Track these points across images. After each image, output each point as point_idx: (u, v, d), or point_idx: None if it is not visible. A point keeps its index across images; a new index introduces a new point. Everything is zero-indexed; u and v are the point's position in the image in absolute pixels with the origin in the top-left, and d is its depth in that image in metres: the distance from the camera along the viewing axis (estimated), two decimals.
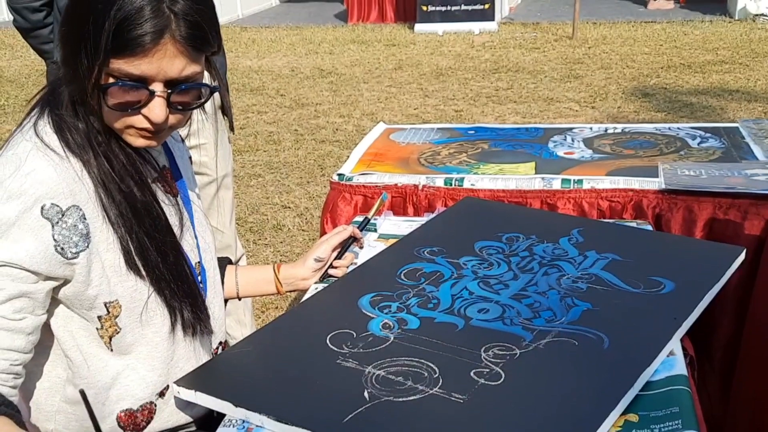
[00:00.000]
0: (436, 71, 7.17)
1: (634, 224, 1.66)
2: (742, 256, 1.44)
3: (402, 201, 1.92)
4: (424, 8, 9.02)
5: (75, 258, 1.11)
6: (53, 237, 1.09)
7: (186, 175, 1.34)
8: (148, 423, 1.23)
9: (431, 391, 1.11)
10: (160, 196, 1.23)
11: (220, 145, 2.18)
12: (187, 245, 1.27)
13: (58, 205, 1.09)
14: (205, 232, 1.34)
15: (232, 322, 2.36)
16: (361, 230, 1.58)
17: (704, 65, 6.83)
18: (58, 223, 1.09)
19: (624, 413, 1.07)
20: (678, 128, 2.26)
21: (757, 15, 8.59)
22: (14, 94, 6.79)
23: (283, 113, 5.92)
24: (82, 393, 0.93)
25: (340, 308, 1.35)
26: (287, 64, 7.77)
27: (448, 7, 8.96)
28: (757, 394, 1.74)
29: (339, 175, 1.99)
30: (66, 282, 1.13)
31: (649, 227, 1.66)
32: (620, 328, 1.23)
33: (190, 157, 1.41)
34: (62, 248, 1.10)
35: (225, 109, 2.12)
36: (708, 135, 2.17)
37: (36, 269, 1.08)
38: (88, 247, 1.12)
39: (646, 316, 1.26)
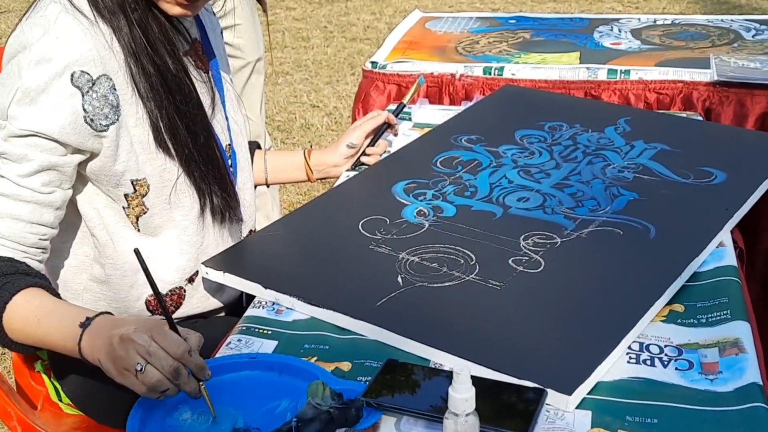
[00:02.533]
0: None
1: (684, 116, 1.57)
2: None
3: (438, 91, 1.84)
4: None
5: (105, 131, 1.06)
6: (83, 107, 1.04)
7: (218, 51, 1.27)
8: (177, 308, 1.22)
9: (467, 278, 1.07)
10: (191, 71, 1.17)
11: (253, 26, 2.08)
12: (218, 126, 1.21)
13: (88, 73, 1.04)
14: (236, 113, 1.28)
15: (260, 217, 2.33)
16: (395, 116, 1.51)
17: None
18: (88, 92, 1.04)
19: (669, 303, 1.03)
20: (731, 20, 2.13)
21: None
22: None
23: (313, 9, 5.74)
24: (137, 252, 0.89)
25: (372, 194, 1.31)
26: None
27: None
28: None
29: (372, 62, 1.91)
30: (93, 156, 1.09)
31: (700, 118, 1.58)
32: (668, 218, 1.17)
33: (222, 32, 1.34)
34: (92, 119, 1.05)
35: None
36: (763, 27, 2.05)
37: (65, 140, 1.04)
38: (118, 120, 1.07)
39: (696, 207, 1.20)
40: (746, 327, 0.96)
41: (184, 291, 1.21)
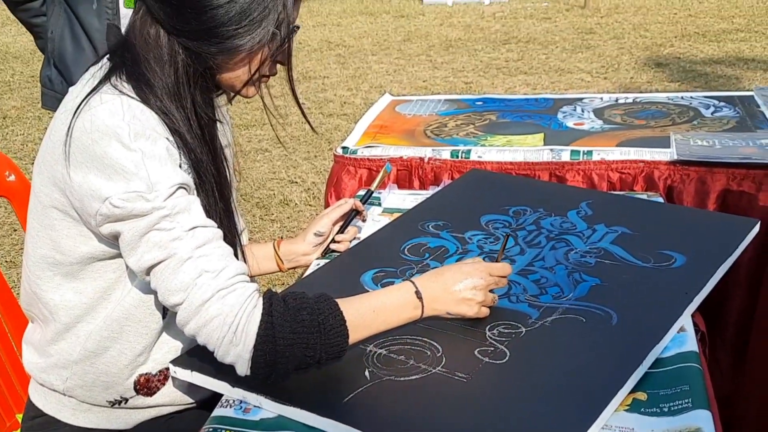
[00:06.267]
0: (446, 42, 7.08)
1: (644, 197, 1.61)
2: (756, 229, 1.39)
3: (407, 174, 1.88)
4: None
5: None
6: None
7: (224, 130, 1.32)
8: (159, 389, 1.23)
9: (434, 371, 1.08)
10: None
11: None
12: None
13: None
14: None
15: None
16: (364, 203, 1.54)
17: (719, 34, 6.71)
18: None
19: (632, 391, 1.04)
20: (691, 97, 2.20)
21: None
22: (19, 70, 6.76)
23: None
24: None
25: (341, 285, 1.32)
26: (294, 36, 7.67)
27: None
28: None
29: (343, 148, 1.95)
30: None
31: (660, 199, 1.62)
32: (629, 304, 1.19)
33: None
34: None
35: None
36: (722, 104, 2.12)
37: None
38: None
39: (656, 291, 1.22)
40: (707, 416, 0.97)
41: (170, 372, 1.21)
